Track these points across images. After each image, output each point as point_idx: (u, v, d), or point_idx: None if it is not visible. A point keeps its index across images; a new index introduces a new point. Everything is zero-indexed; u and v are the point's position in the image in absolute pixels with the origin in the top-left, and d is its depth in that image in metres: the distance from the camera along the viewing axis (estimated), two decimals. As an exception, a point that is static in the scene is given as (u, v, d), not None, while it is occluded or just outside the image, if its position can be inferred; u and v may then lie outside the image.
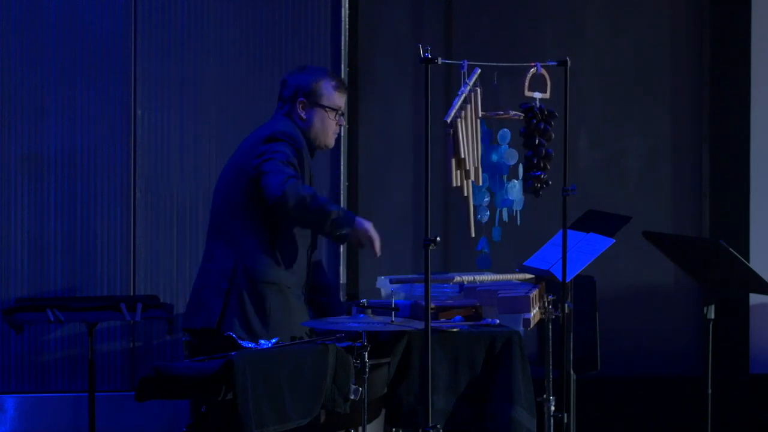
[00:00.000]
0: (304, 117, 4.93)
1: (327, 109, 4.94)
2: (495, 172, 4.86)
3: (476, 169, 4.76)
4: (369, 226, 4.84)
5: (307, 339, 4.55)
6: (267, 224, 4.81)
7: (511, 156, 4.84)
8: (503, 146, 4.85)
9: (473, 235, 4.80)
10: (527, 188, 4.80)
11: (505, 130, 4.84)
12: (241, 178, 4.82)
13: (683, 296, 7.02)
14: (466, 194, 4.79)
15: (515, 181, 4.85)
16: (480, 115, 4.71)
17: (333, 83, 4.97)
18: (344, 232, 4.76)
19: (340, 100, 4.99)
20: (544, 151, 4.77)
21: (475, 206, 4.80)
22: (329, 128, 4.96)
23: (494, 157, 4.83)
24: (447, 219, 6.79)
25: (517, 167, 4.85)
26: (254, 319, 4.76)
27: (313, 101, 4.93)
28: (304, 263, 4.94)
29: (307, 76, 4.98)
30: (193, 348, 4.77)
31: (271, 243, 4.83)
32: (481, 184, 4.76)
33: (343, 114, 5.04)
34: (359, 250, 5.01)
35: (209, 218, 4.98)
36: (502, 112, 4.79)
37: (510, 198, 4.87)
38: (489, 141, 4.84)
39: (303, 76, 4.97)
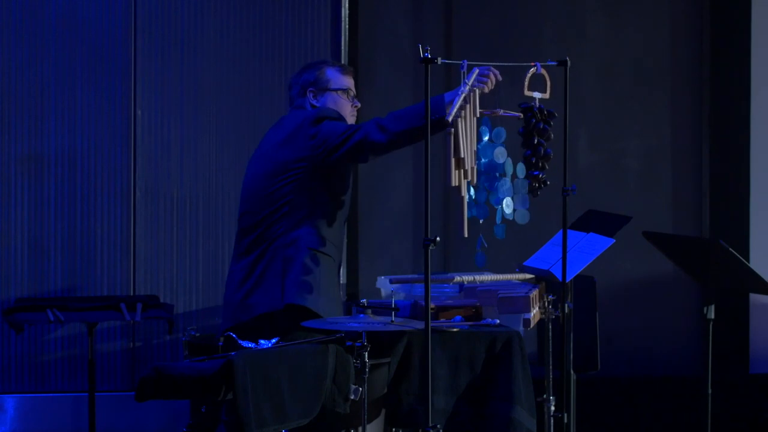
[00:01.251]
0: (317, 104, 4.94)
1: (338, 91, 4.96)
2: (491, 171, 4.87)
3: (473, 169, 4.76)
4: (463, 85, 4.58)
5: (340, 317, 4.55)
6: (315, 202, 4.79)
7: (500, 155, 4.84)
8: (497, 145, 4.86)
9: (466, 235, 4.79)
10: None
11: (501, 128, 4.83)
12: (288, 169, 4.78)
13: (683, 296, 7.02)
14: (463, 194, 4.79)
15: (506, 179, 4.85)
16: (477, 114, 4.71)
17: (336, 67, 5.00)
18: (439, 116, 4.56)
19: (347, 81, 5.00)
20: (542, 151, 4.77)
21: (470, 203, 4.80)
22: (345, 109, 4.95)
23: (488, 156, 4.84)
24: (447, 219, 6.80)
25: (508, 165, 4.84)
26: (308, 288, 4.72)
27: (322, 88, 4.95)
28: (341, 235, 4.94)
29: (310, 69, 5.01)
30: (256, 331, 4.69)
31: (319, 218, 4.80)
32: (475, 182, 4.76)
33: (356, 96, 5.05)
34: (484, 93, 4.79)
35: (241, 216, 4.91)
36: (491, 111, 4.79)
37: (500, 196, 4.87)
38: (487, 139, 4.84)
39: (306, 71, 5.00)
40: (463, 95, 4.64)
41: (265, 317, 4.71)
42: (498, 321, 4.94)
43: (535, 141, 4.76)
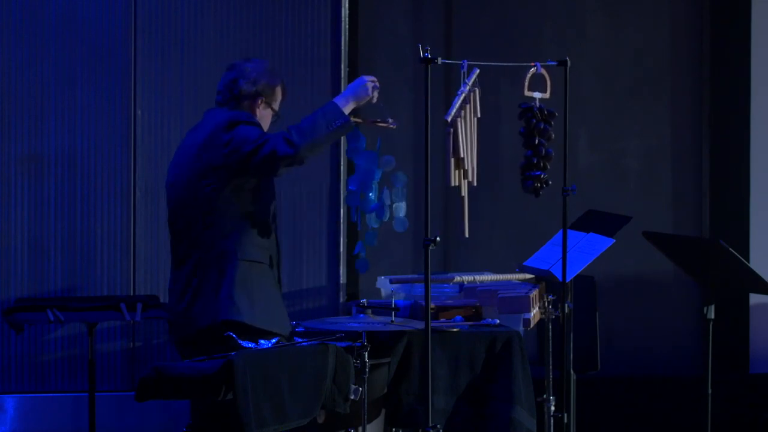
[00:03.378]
0: (258, 115, 4.92)
1: (274, 111, 4.96)
2: (367, 178, 4.89)
3: (474, 169, 4.76)
4: (351, 92, 4.78)
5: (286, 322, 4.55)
6: (241, 208, 4.76)
7: (385, 163, 4.87)
8: (374, 152, 4.89)
9: (467, 235, 4.80)
10: (527, 188, 4.80)
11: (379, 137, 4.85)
12: (208, 174, 4.73)
13: (683, 296, 7.02)
14: (463, 194, 4.79)
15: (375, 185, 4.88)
16: (478, 114, 4.71)
17: (283, 89, 4.98)
18: (344, 122, 4.71)
19: (280, 101, 4.99)
20: (544, 151, 4.77)
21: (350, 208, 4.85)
22: (265, 122, 4.95)
23: (363, 162, 4.87)
24: (447, 219, 6.80)
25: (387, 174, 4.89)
26: (241, 299, 4.71)
27: (268, 102, 4.92)
28: (272, 238, 4.89)
29: (271, 78, 4.95)
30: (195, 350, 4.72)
31: (246, 225, 4.78)
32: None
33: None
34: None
35: (170, 226, 4.89)
36: (379, 120, 4.82)
37: (372, 205, 4.90)
38: (361, 145, 4.88)
39: (266, 77, 4.94)
40: (463, 95, 4.65)
41: (207, 330, 4.70)
42: (498, 321, 4.94)
43: (536, 141, 4.76)
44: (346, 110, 4.72)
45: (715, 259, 5.40)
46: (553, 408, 5.14)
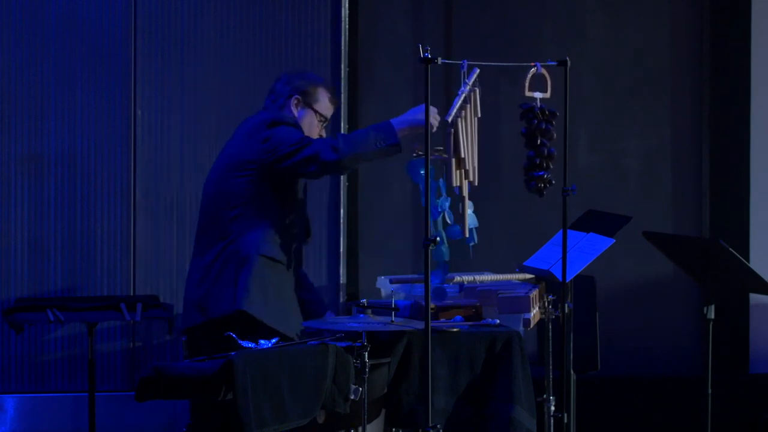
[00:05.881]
0: (296, 114, 4.97)
1: (317, 114, 5.01)
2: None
3: (474, 169, 4.77)
4: (409, 117, 4.81)
5: (297, 321, 4.56)
6: (267, 207, 4.82)
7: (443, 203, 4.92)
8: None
9: (467, 235, 4.82)
10: (531, 188, 4.80)
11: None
12: (240, 168, 4.82)
13: (683, 296, 7.02)
14: (464, 194, 4.80)
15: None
16: (478, 114, 4.72)
17: (329, 93, 5.07)
18: (393, 143, 4.77)
19: (330, 110, 5.08)
20: (546, 151, 4.77)
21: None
22: (313, 131, 5.00)
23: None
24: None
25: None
26: (256, 294, 4.76)
27: (307, 102, 4.98)
28: (293, 241, 4.96)
29: (306, 78, 5.06)
30: (206, 339, 4.74)
31: (270, 224, 4.83)
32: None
33: (327, 126, 5.10)
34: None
35: (198, 220, 4.99)
36: (440, 149, 4.83)
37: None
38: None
39: (301, 77, 5.03)
40: (464, 95, 4.65)
41: (220, 321, 4.74)
42: (498, 321, 4.94)
43: (538, 141, 4.76)
44: (400, 133, 4.77)
45: (715, 259, 5.40)
46: (553, 408, 5.14)
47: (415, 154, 4.76)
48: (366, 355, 4.38)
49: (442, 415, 4.82)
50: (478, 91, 4.70)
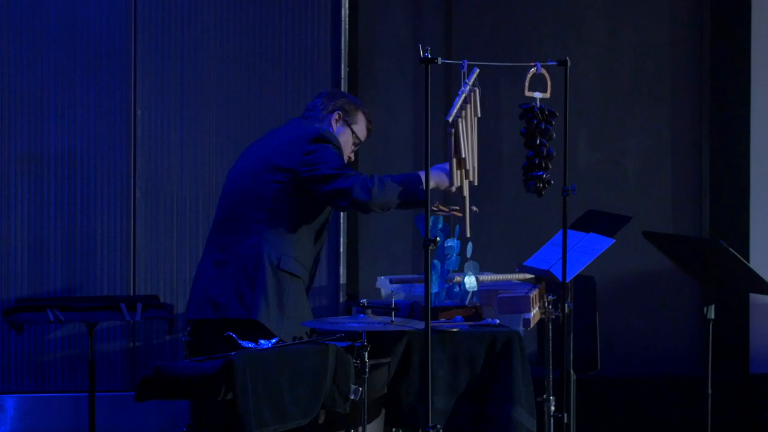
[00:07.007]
0: (335, 131, 4.99)
1: (354, 134, 5.05)
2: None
3: (475, 169, 4.77)
4: (436, 178, 4.82)
5: (306, 339, 4.55)
6: (294, 218, 4.82)
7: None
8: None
9: (468, 234, 4.82)
10: (530, 188, 4.80)
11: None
12: (275, 172, 4.81)
13: (683, 296, 7.02)
14: (465, 194, 4.80)
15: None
16: (478, 114, 4.73)
17: (367, 118, 5.12)
18: (418, 200, 4.80)
19: (365, 134, 5.12)
20: (545, 151, 4.77)
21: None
22: (346, 153, 5.02)
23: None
24: (447, 219, 6.80)
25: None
26: (274, 308, 4.77)
27: (347, 121, 5.02)
28: (312, 259, 4.97)
29: (350, 100, 5.10)
30: (214, 338, 4.74)
31: (294, 237, 4.84)
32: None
33: (358, 148, 5.17)
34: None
35: (219, 211, 4.96)
36: (458, 208, 4.88)
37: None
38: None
39: (345, 98, 5.11)
40: (464, 95, 4.65)
41: (231, 322, 4.74)
42: (498, 321, 4.94)
43: (538, 141, 4.76)
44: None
45: (715, 259, 5.40)
46: (553, 408, 5.14)
47: (433, 208, 4.81)
48: (366, 355, 4.38)
49: (442, 415, 4.82)
50: (478, 91, 4.70)
